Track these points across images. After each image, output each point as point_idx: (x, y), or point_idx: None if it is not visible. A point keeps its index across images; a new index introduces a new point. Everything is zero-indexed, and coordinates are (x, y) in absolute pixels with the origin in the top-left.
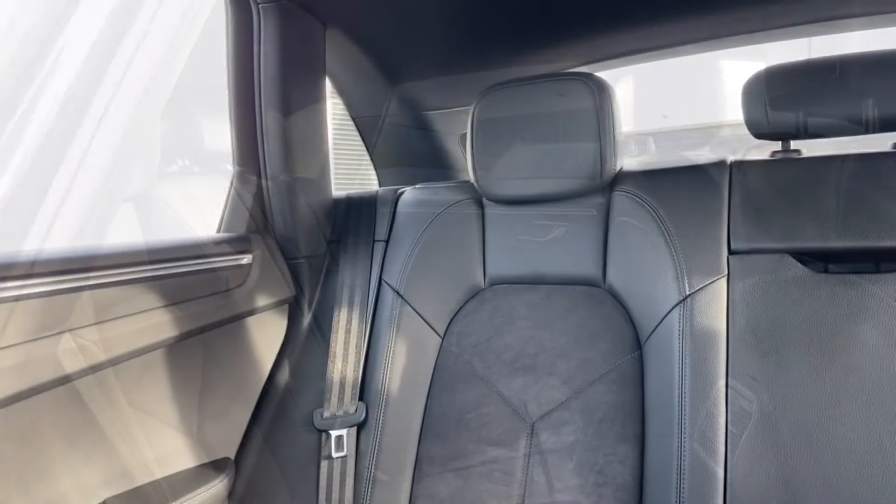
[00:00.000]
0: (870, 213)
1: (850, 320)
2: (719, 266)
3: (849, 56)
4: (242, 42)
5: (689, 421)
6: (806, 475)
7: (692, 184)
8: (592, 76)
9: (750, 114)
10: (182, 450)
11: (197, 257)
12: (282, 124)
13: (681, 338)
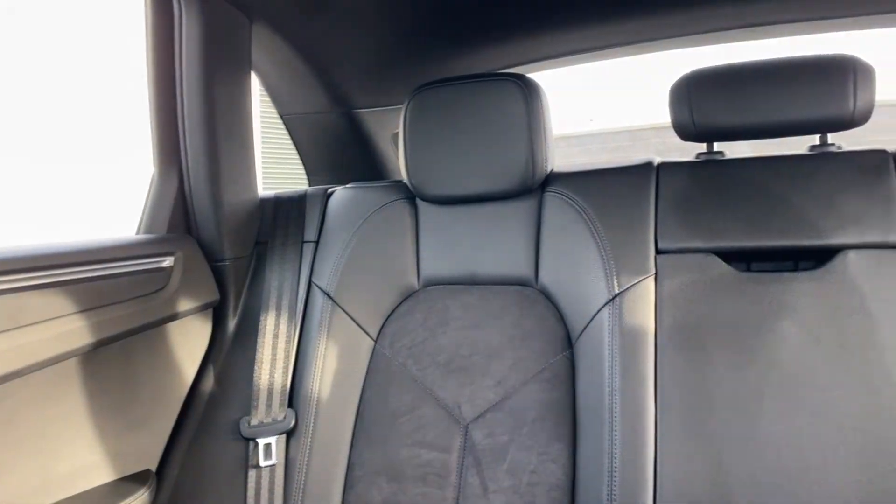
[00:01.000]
0: (789, 214)
1: (771, 317)
2: (647, 265)
3: (770, 61)
4: (162, 35)
5: (618, 418)
6: (732, 468)
7: (620, 185)
8: (524, 77)
9: (676, 116)
10: (99, 463)
11: (114, 260)
12: (204, 122)
13: (610, 336)
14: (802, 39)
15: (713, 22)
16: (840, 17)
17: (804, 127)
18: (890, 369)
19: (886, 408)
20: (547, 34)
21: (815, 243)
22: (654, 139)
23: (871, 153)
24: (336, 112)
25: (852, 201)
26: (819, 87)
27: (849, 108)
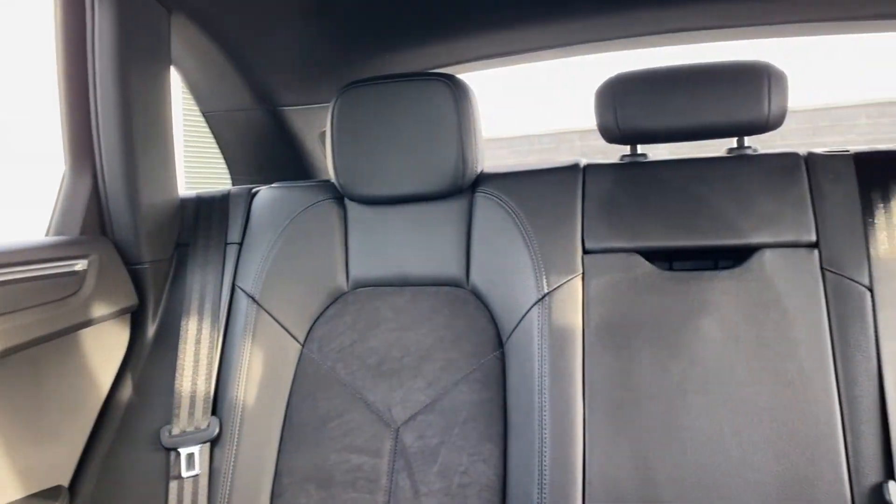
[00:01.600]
0: (709, 214)
1: (693, 315)
2: (575, 265)
3: (690, 66)
4: (73, 26)
5: (548, 417)
6: (657, 463)
7: (549, 186)
8: (454, 78)
9: (601, 119)
10: (5, 480)
11: (21, 264)
12: (120, 118)
13: (540, 335)
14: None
15: (637, 27)
16: (753, 26)
17: (723, 130)
18: (803, 363)
19: (800, 400)
20: (476, 35)
21: (734, 243)
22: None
23: (784, 156)
24: (261, 110)
25: (768, 202)
26: (736, 92)
27: (764, 113)
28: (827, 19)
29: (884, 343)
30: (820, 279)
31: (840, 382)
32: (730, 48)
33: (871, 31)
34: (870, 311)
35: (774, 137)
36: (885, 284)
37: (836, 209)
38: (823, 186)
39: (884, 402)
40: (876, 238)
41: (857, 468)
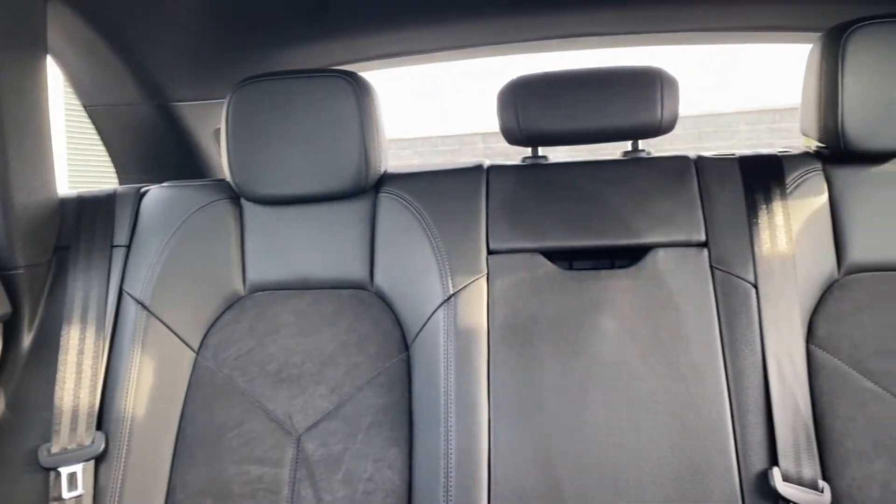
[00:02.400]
0: (606, 215)
1: (592, 312)
2: (479, 265)
3: (588, 71)
4: None
5: (454, 418)
6: (560, 460)
7: (453, 187)
8: (356, 75)
9: (503, 121)
10: None
11: None
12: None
13: (445, 337)
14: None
15: (535, 31)
16: (645, 33)
17: (619, 133)
18: (695, 358)
19: (692, 393)
20: (377, 33)
21: (629, 242)
22: (481, 144)
23: (676, 159)
24: (149, 105)
25: (661, 203)
26: (631, 97)
27: (657, 117)
28: (711, 29)
29: (768, 336)
30: (709, 277)
31: (729, 375)
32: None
33: (753, 42)
34: (755, 306)
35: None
36: (768, 281)
37: (724, 210)
38: (712, 188)
39: (768, 393)
40: (760, 237)
41: (745, 456)
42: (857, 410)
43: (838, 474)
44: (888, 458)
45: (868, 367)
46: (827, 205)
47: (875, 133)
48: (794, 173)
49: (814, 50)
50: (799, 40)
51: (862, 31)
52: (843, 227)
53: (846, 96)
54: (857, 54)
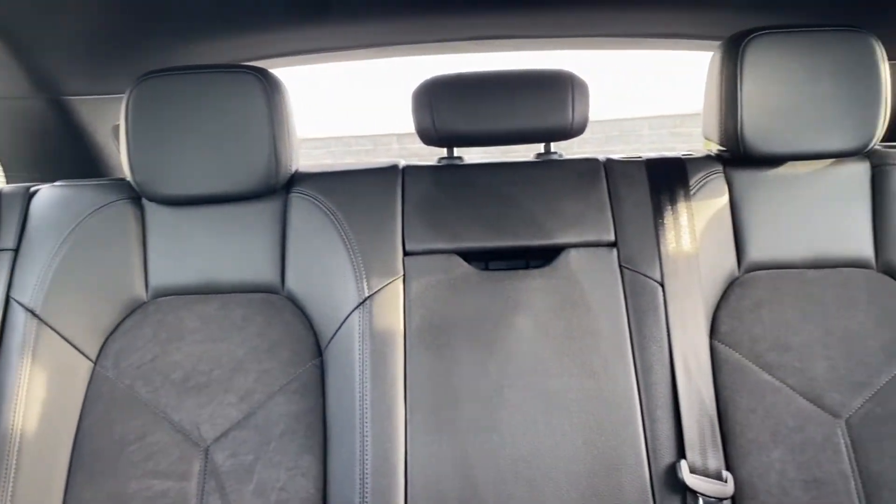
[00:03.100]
0: (520, 216)
1: (507, 313)
2: (396, 267)
3: (502, 72)
4: None
5: (370, 423)
6: (477, 461)
7: (368, 187)
8: (266, 72)
9: (419, 121)
10: None
11: None
12: None
13: (361, 340)
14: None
15: (446, 31)
16: (556, 37)
17: (532, 135)
18: (606, 356)
19: (604, 390)
20: (288, 29)
21: (543, 243)
22: (396, 145)
23: (586, 161)
24: (40, 98)
25: (573, 204)
26: (544, 100)
27: (569, 120)
28: (618, 35)
29: (674, 333)
30: (619, 276)
31: (638, 371)
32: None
33: (657, 48)
34: (661, 304)
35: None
36: (674, 279)
37: (631, 211)
38: (620, 190)
39: (675, 388)
40: (665, 237)
41: (655, 450)
42: (756, 402)
43: (740, 464)
44: (785, 447)
45: (766, 360)
46: (728, 206)
47: (771, 137)
48: (697, 175)
49: (714, 58)
50: (701, 48)
51: (758, 40)
52: (743, 227)
53: (745, 102)
54: (754, 62)
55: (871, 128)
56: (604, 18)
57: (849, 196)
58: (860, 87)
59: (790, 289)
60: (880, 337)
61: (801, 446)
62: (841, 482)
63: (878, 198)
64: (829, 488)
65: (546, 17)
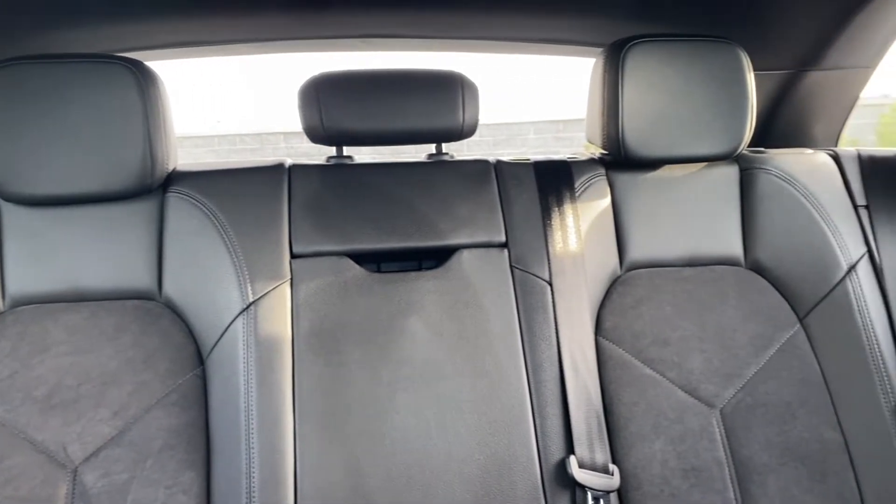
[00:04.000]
0: (412, 217)
1: (400, 315)
2: (282, 270)
3: (392, 71)
4: None
5: (256, 434)
6: (369, 468)
7: (252, 187)
8: (140, 64)
9: (306, 119)
10: None
11: None
12: None
13: (245, 348)
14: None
15: (332, 28)
16: (444, 38)
17: (423, 136)
18: (499, 356)
19: (496, 390)
20: (165, 20)
21: (435, 244)
22: (283, 144)
23: (477, 162)
24: None
25: (464, 205)
26: (434, 100)
27: (459, 121)
28: (504, 39)
29: (562, 331)
30: (510, 276)
31: (529, 370)
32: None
33: (541, 53)
34: (550, 302)
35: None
36: (561, 278)
37: (521, 212)
38: (510, 191)
39: (564, 385)
40: (553, 238)
41: (545, 447)
42: (639, 396)
43: (625, 457)
44: (665, 438)
45: (647, 355)
46: (610, 207)
47: (649, 142)
48: (582, 178)
49: (597, 64)
50: (584, 54)
51: (638, 48)
52: (624, 227)
53: (626, 108)
54: (634, 69)
55: (739, 134)
56: (491, 22)
57: (720, 198)
58: (729, 96)
59: (668, 286)
60: (749, 330)
61: (681, 436)
62: (716, 469)
63: (746, 199)
64: (706, 475)
65: (434, 18)
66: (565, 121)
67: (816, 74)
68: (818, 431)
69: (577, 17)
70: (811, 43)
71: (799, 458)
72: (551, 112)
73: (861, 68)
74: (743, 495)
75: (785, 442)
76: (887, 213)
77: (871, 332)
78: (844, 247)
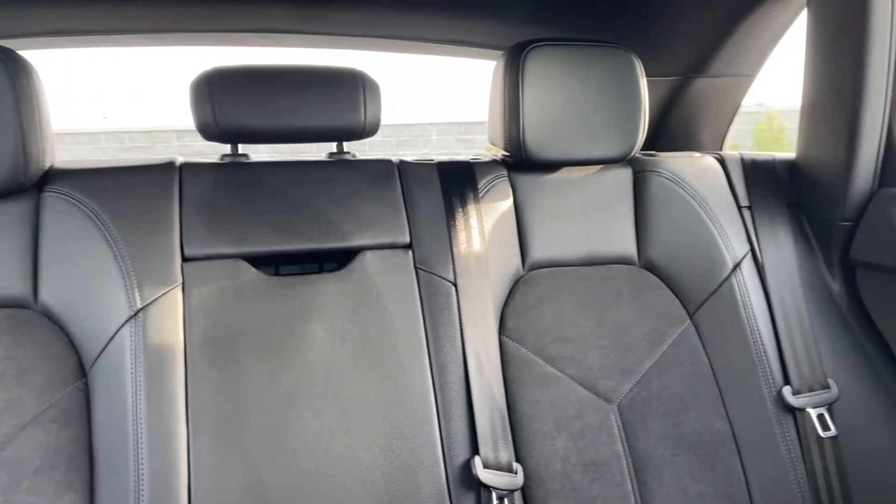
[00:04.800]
0: (313, 217)
1: (300, 320)
2: (173, 274)
3: (291, 67)
4: None
5: (146, 449)
6: (269, 479)
7: (139, 186)
8: (11, 52)
9: (198, 115)
10: None
11: None
12: None
13: (133, 357)
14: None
15: (234, 22)
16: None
17: (323, 134)
18: (403, 358)
19: (401, 393)
20: (40, 5)
21: (337, 245)
22: (175, 142)
23: (380, 162)
24: None
25: (367, 206)
26: (335, 98)
27: (361, 119)
28: (405, 38)
29: (466, 332)
30: (414, 277)
31: (434, 372)
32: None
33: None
34: (455, 303)
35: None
36: (465, 279)
37: (425, 212)
38: (414, 192)
39: (468, 386)
40: (458, 238)
41: (451, 449)
42: (541, 394)
43: (528, 454)
44: (567, 434)
45: (549, 353)
46: (512, 208)
47: (549, 144)
48: (485, 179)
49: (497, 66)
50: (484, 56)
51: (537, 51)
52: (526, 228)
53: (526, 110)
54: (533, 72)
55: (632, 137)
56: (392, 21)
57: (615, 199)
58: (623, 100)
59: (568, 285)
60: (643, 327)
61: (581, 432)
62: (615, 462)
63: (639, 201)
64: (605, 469)
65: (335, 15)
66: (467, 123)
67: (703, 81)
68: (708, 422)
69: (477, 19)
70: (698, 51)
71: (691, 449)
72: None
73: (743, 76)
74: (640, 487)
75: (678, 434)
76: (768, 214)
77: (755, 327)
78: (730, 246)
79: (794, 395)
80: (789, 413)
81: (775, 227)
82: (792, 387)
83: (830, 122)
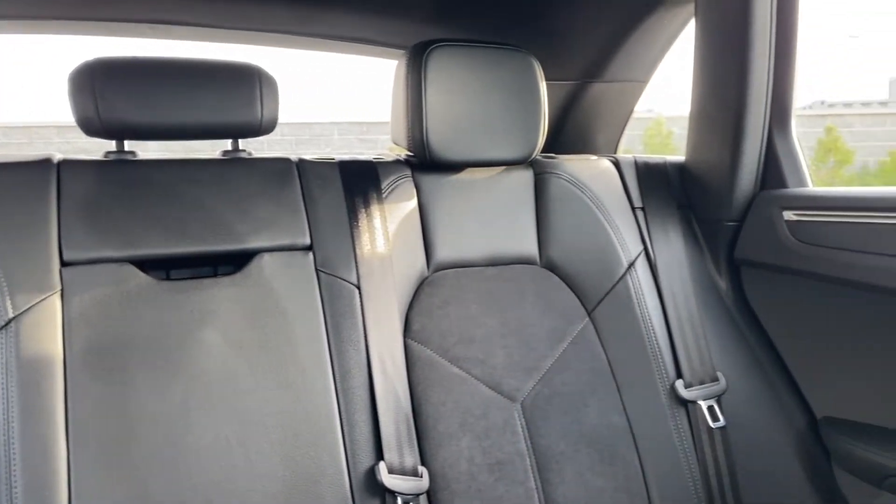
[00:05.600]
0: (206, 219)
1: (193, 326)
2: (51, 280)
3: (182, 60)
4: None
5: (20, 470)
6: (160, 496)
7: (12, 185)
8: None
9: (79, 109)
10: None
11: None
12: None
13: (5, 371)
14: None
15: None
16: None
17: (217, 131)
18: (303, 363)
19: (302, 400)
20: None
21: (233, 248)
22: (56, 138)
23: (277, 161)
24: None
25: (264, 206)
26: (229, 93)
27: (257, 116)
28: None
29: (371, 335)
30: (315, 280)
31: (337, 377)
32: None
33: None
34: (358, 306)
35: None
36: (369, 281)
37: (326, 213)
38: (314, 192)
39: (373, 390)
40: (361, 240)
41: (354, 456)
42: (446, 395)
43: (433, 457)
44: (472, 434)
45: (454, 354)
46: (416, 208)
47: (452, 145)
48: (388, 179)
49: (400, 66)
50: (387, 55)
51: (439, 51)
52: (430, 229)
53: (429, 111)
54: (436, 72)
55: (533, 139)
56: (292, 16)
57: (517, 200)
58: (524, 103)
59: (472, 285)
60: (545, 325)
61: (486, 432)
62: (519, 461)
63: (540, 202)
64: (510, 467)
65: (232, 8)
66: (369, 123)
67: (599, 86)
68: (607, 417)
69: (377, 16)
70: (594, 56)
71: (591, 444)
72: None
73: (636, 82)
74: (543, 484)
75: (579, 429)
76: (659, 214)
77: (649, 323)
78: (625, 245)
79: (686, 388)
80: (682, 405)
81: (666, 227)
82: (684, 380)
83: (716, 127)
